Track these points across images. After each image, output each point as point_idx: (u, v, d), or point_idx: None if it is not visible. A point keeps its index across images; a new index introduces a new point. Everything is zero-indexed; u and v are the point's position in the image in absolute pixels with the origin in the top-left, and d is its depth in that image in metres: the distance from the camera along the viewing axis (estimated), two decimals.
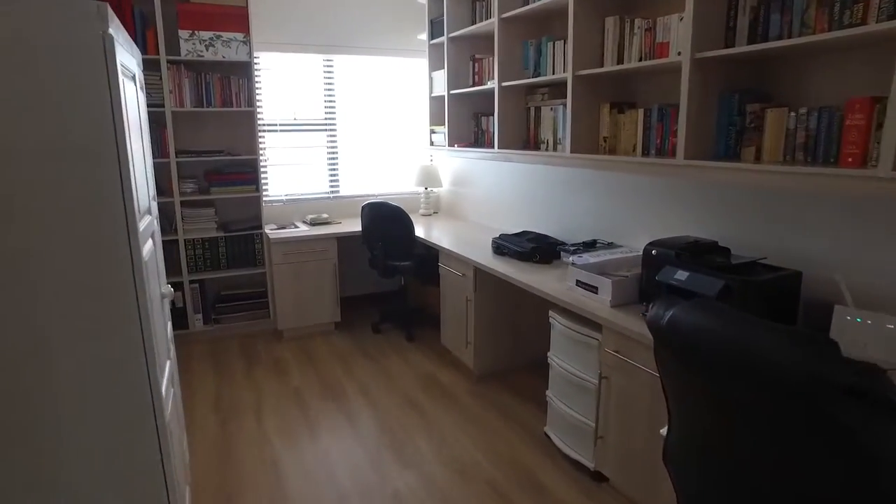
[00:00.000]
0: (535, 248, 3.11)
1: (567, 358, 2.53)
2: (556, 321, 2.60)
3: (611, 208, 3.03)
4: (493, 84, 3.33)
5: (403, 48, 4.65)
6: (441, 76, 3.96)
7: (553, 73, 2.95)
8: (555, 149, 3.11)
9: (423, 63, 4.56)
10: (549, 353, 2.67)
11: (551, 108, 3.12)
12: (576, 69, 2.65)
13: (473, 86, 3.69)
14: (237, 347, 4.02)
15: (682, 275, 2.08)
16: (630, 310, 2.30)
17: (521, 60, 3.26)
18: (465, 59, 3.83)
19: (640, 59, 2.43)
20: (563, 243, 3.23)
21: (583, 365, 2.42)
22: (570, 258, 2.79)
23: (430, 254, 3.83)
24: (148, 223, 1.79)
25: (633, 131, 2.61)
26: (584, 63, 2.65)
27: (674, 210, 2.64)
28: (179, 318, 4.04)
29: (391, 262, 4.06)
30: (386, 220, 3.97)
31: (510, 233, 3.59)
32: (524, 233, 3.52)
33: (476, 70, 3.71)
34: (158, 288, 1.98)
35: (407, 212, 4.87)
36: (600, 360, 2.31)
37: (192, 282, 4.04)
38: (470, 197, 4.49)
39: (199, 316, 4.11)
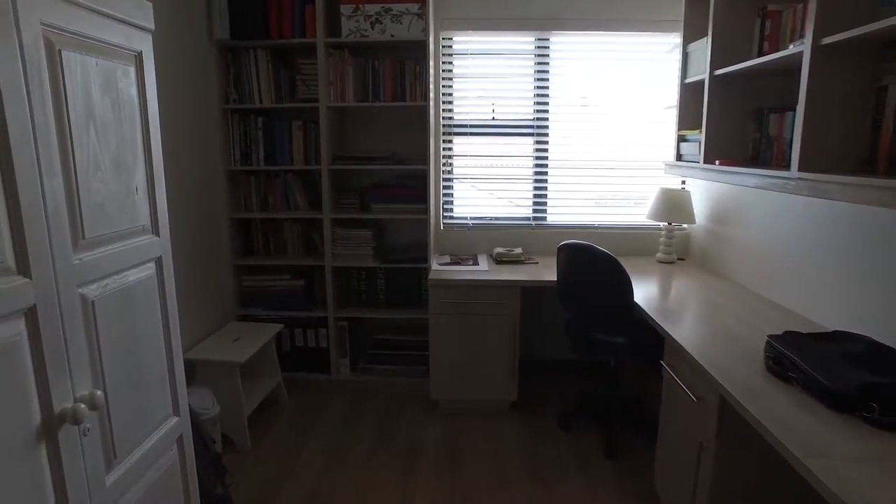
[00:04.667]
0: (872, 389, 1.43)
1: None
2: None
3: None
4: (800, 46, 1.72)
5: (647, 18, 3.17)
6: (701, 49, 2.43)
7: None
8: None
9: (673, 40, 2.99)
10: None
11: None
12: None
13: (761, 55, 2.08)
14: (378, 413, 3.10)
15: None
16: None
17: None
18: (747, 14, 2.24)
19: None
20: None
21: None
22: None
23: (657, 332, 2.35)
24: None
25: None
26: None
27: None
28: (322, 360, 3.31)
29: (594, 335, 2.68)
30: (590, 273, 2.60)
31: (807, 331, 1.90)
32: (838, 336, 1.79)
33: (767, 30, 2.09)
34: (35, 405, 1.07)
35: (638, 254, 3.44)
36: None
37: (339, 319, 3.28)
38: (738, 244, 2.80)
39: (346, 361, 3.33)
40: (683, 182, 3.37)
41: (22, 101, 1.02)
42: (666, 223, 3.25)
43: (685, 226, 3.39)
